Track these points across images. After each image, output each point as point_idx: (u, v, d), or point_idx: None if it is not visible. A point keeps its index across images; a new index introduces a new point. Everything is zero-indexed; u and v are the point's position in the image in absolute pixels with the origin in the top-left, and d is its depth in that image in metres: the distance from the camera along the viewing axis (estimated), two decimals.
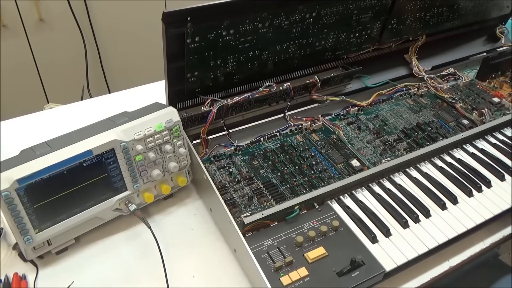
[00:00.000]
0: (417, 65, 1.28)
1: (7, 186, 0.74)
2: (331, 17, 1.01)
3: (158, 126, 0.88)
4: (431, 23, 1.24)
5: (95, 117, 0.93)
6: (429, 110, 1.19)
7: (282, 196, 0.92)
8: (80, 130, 0.88)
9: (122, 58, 2.30)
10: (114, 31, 2.20)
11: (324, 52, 1.10)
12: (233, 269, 0.85)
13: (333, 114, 1.16)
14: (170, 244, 0.81)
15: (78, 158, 0.80)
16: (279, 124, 1.10)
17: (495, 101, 1.21)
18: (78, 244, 0.89)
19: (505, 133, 1.11)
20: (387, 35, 1.18)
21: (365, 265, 0.78)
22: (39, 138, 0.86)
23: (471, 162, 1.03)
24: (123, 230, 0.93)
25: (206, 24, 0.85)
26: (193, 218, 0.96)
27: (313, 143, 1.06)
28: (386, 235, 0.85)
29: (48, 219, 0.81)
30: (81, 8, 2.07)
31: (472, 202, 0.93)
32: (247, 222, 0.83)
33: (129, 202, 0.89)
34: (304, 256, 0.79)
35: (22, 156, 0.80)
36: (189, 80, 0.93)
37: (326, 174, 0.97)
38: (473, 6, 1.28)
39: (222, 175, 0.97)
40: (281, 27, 0.95)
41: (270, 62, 1.02)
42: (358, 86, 1.23)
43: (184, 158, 0.94)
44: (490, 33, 1.46)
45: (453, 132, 1.10)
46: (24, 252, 0.82)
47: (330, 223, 0.86)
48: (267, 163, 1.00)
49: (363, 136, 1.10)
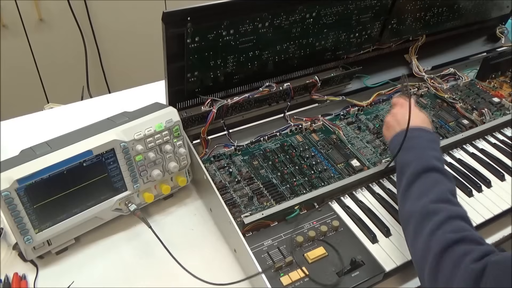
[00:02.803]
0: (417, 65, 1.28)
1: (7, 186, 0.74)
2: (331, 17, 1.01)
3: (158, 126, 0.88)
4: (431, 23, 1.24)
5: (95, 117, 0.93)
6: (429, 110, 1.19)
7: (282, 196, 0.92)
8: (80, 130, 0.88)
9: (122, 58, 2.30)
10: (114, 31, 2.20)
11: (324, 52, 1.10)
12: (233, 269, 0.85)
13: (333, 114, 1.16)
14: (170, 244, 0.81)
15: (78, 158, 0.80)
16: (279, 124, 1.10)
17: (495, 101, 1.21)
18: (78, 244, 0.89)
19: (505, 133, 1.11)
20: (387, 35, 1.18)
21: (365, 265, 0.78)
22: (39, 138, 0.86)
23: (471, 162, 1.02)
24: (123, 230, 0.93)
25: (206, 24, 0.85)
26: (193, 218, 0.96)
27: (313, 143, 1.06)
28: (386, 235, 0.85)
29: (48, 219, 0.81)
30: (81, 8, 2.07)
31: (472, 202, 0.93)
32: (247, 222, 0.83)
33: (129, 202, 0.89)
34: (304, 256, 0.79)
35: (22, 156, 0.80)
36: (189, 80, 0.93)
37: (326, 174, 0.97)
38: (473, 6, 1.28)
39: (222, 175, 0.97)
40: (281, 27, 0.95)
41: (270, 62, 1.02)
42: (358, 86, 1.23)
43: (184, 158, 0.94)
44: (490, 33, 1.46)
45: (453, 132, 1.11)
46: (24, 252, 0.82)
47: (330, 223, 0.86)
48: (267, 163, 1.00)
49: (363, 136, 1.10)
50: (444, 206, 0.69)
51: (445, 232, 0.65)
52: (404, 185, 0.76)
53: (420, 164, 0.76)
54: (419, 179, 0.74)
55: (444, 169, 0.77)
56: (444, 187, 0.73)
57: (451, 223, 0.66)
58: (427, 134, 0.83)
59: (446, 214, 0.67)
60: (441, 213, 0.67)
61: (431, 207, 0.69)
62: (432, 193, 0.71)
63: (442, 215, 0.67)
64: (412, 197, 0.73)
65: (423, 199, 0.71)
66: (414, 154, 0.78)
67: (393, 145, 0.84)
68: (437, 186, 0.72)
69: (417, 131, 0.82)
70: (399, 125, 0.85)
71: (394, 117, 0.88)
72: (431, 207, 0.69)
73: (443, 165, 0.77)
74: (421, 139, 0.81)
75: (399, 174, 0.79)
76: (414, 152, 0.79)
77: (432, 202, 0.70)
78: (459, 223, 0.67)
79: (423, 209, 0.70)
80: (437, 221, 0.66)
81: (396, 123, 0.86)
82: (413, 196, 0.73)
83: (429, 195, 0.71)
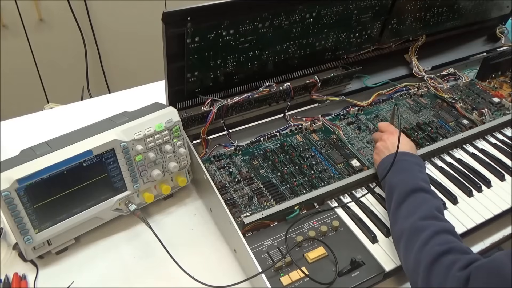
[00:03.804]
0: (417, 65, 1.28)
1: (7, 186, 0.74)
2: (331, 17, 1.01)
3: (158, 126, 0.88)
4: (431, 23, 1.24)
5: (95, 117, 0.93)
6: (429, 110, 1.19)
7: (282, 196, 0.92)
8: (80, 130, 0.88)
9: (122, 58, 2.30)
10: (114, 31, 2.20)
11: (324, 52, 1.10)
12: (233, 269, 0.85)
13: (333, 114, 1.16)
14: (170, 244, 0.81)
15: (78, 158, 0.80)
16: (279, 124, 1.10)
17: (495, 101, 1.21)
18: (78, 244, 0.89)
19: (505, 133, 1.11)
20: (387, 35, 1.18)
21: (365, 265, 0.78)
22: (39, 138, 0.86)
23: (471, 162, 1.03)
24: (123, 230, 0.93)
25: (206, 24, 0.85)
26: (193, 218, 0.96)
27: (313, 143, 1.06)
28: (386, 235, 0.85)
29: (48, 219, 0.81)
30: (81, 8, 2.07)
31: (472, 202, 0.93)
32: (247, 222, 0.83)
33: (129, 202, 0.89)
34: (304, 256, 0.79)
35: (22, 156, 0.80)
36: (189, 80, 0.93)
37: (326, 174, 0.97)
38: (473, 6, 1.28)
39: (222, 175, 0.97)
40: (281, 27, 0.95)
41: (270, 62, 1.02)
42: (358, 86, 1.23)
43: (184, 158, 0.94)
44: (490, 33, 1.46)
45: (453, 132, 1.10)
46: (24, 252, 0.82)
47: (330, 223, 0.86)
48: (267, 163, 1.00)
49: (363, 136, 1.10)
50: (431, 222, 0.74)
51: (433, 245, 0.70)
52: (394, 205, 0.81)
53: (408, 185, 0.81)
54: (408, 199, 0.80)
55: (430, 189, 0.83)
56: (431, 205, 0.78)
57: (438, 237, 0.71)
58: (414, 158, 0.89)
59: (433, 229, 0.72)
60: (429, 229, 0.72)
61: (419, 224, 0.74)
62: (420, 211, 0.77)
63: (429, 230, 0.72)
64: (401, 216, 0.78)
65: (412, 217, 0.76)
66: (402, 176, 0.85)
67: (381, 168, 0.90)
68: (424, 205, 0.78)
69: (404, 155, 0.89)
70: (388, 151, 0.91)
71: (384, 143, 0.94)
72: (419, 224, 0.74)
73: (429, 186, 0.84)
74: (407, 162, 0.87)
75: (388, 194, 0.85)
76: (402, 174, 0.85)
77: (420, 219, 0.75)
78: (446, 237, 0.72)
79: (412, 226, 0.75)
80: (425, 236, 0.71)
81: (385, 149, 0.92)
82: (403, 215, 0.78)
83: (417, 213, 0.76)
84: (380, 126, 1.02)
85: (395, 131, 0.96)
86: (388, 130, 0.98)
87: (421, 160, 0.90)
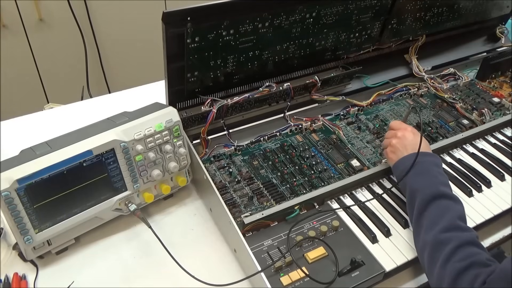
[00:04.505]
0: (417, 65, 1.28)
1: (7, 186, 0.74)
2: (331, 17, 1.01)
3: (158, 126, 0.88)
4: (431, 23, 1.24)
5: (95, 117, 0.93)
6: (429, 110, 1.19)
7: (282, 196, 0.92)
8: (80, 130, 0.88)
9: (122, 58, 2.30)
10: (114, 31, 2.20)
11: (324, 52, 1.10)
12: (233, 269, 0.85)
13: (333, 114, 1.16)
14: (170, 244, 0.81)
15: (78, 158, 0.80)
16: (279, 124, 1.10)
17: (495, 101, 1.21)
18: (78, 244, 0.89)
19: (505, 133, 1.11)
20: (387, 35, 1.18)
21: (365, 265, 0.78)
22: (39, 138, 0.86)
23: (471, 162, 1.03)
24: (123, 230, 0.92)
25: (206, 24, 0.85)
26: (193, 218, 0.96)
27: (313, 143, 1.06)
28: (386, 235, 0.85)
29: (48, 219, 0.81)
30: (81, 8, 2.07)
31: (472, 202, 0.93)
32: (247, 222, 0.83)
33: (129, 202, 0.89)
34: (304, 256, 0.79)
35: (22, 156, 0.80)
36: (189, 80, 0.93)
37: (326, 174, 0.97)
38: (473, 6, 1.28)
39: (222, 175, 0.97)
40: (281, 27, 0.95)
41: (270, 62, 1.02)
42: (358, 86, 1.23)
43: (184, 158, 0.94)
44: (490, 33, 1.46)
45: (453, 132, 1.11)
46: (24, 252, 0.82)
47: (330, 223, 0.86)
48: (267, 163, 1.00)
49: (363, 136, 1.10)
50: (453, 235, 0.74)
51: (454, 262, 0.71)
52: (416, 213, 0.81)
53: (430, 191, 0.81)
54: (429, 207, 0.79)
55: (451, 194, 0.82)
56: (452, 214, 0.78)
57: (460, 251, 0.72)
58: (432, 158, 0.88)
59: (455, 244, 0.73)
60: (451, 242, 0.73)
61: (442, 237, 0.75)
62: (442, 221, 0.76)
63: (451, 244, 0.73)
64: (424, 226, 0.78)
65: (434, 228, 0.76)
66: (422, 179, 0.84)
67: (399, 170, 0.88)
68: (446, 214, 0.78)
69: (424, 156, 0.87)
70: (406, 150, 0.89)
71: (400, 140, 0.91)
72: (442, 237, 0.75)
73: (450, 189, 0.83)
74: (427, 164, 0.86)
75: (410, 199, 0.84)
76: (422, 177, 0.84)
77: (442, 231, 0.75)
78: (468, 250, 0.72)
79: (435, 239, 0.75)
80: (448, 251, 0.72)
81: (403, 147, 0.90)
82: (425, 225, 0.78)
83: (439, 223, 0.76)
84: (392, 125, 0.98)
85: (408, 127, 0.94)
86: (401, 127, 0.95)
87: (438, 158, 0.89)
